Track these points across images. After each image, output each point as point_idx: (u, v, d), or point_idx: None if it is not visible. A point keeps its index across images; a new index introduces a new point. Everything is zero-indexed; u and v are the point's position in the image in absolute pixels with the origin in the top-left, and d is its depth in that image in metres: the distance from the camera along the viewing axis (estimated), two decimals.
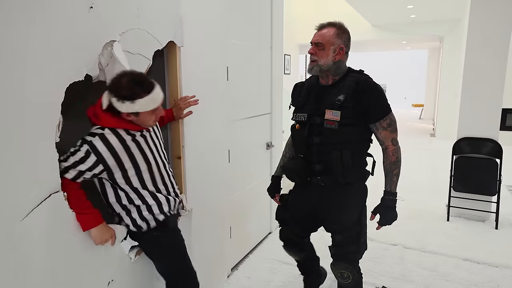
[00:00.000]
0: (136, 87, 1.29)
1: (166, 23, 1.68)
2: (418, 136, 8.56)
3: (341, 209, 1.73)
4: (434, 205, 3.92)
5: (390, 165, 1.67)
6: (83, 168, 1.29)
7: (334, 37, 1.60)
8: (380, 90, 1.62)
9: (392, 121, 1.64)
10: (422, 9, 6.28)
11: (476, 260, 2.77)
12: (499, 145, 3.31)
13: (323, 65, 1.61)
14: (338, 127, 1.59)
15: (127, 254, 1.56)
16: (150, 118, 1.39)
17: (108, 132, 1.33)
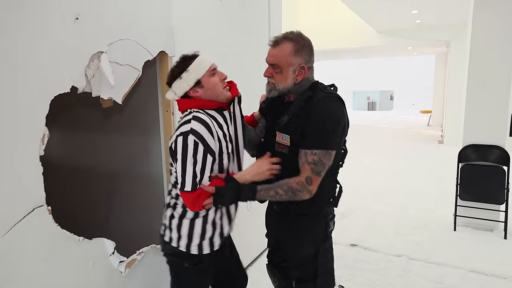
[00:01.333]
0: (181, 62, 1.32)
1: (156, 33, 1.68)
2: (426, 143, 8.41)
3: (293, 242, 1.51)
4: (441, 214, 3.81)
5: (285, 182, 1.33)
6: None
7: (291, 56, 1.33)
8: (326, 117, 1.31)
9: (320, 162, 1.30)
10: (427, 14, 6.23)
11: (484, 271, 2.67)
12: (507, 152, 3.22)
13: (283, 88, 1.37)
14: (289, 152, 1.36)
15: (117, 268, 1.53)
16: (215, 83, 1.33)
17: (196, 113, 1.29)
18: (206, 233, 1.35)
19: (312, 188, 1.32)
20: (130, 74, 1.55)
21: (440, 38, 7.44)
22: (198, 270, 1.39)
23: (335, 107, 1.34)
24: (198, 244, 1.34)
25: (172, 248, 1.35)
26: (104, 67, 1.37)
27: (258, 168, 1.35)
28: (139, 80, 1.73)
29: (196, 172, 1.22)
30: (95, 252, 1.43)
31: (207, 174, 1.25)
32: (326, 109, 1.32)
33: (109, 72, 1.39)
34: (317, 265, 1.48)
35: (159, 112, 1.85)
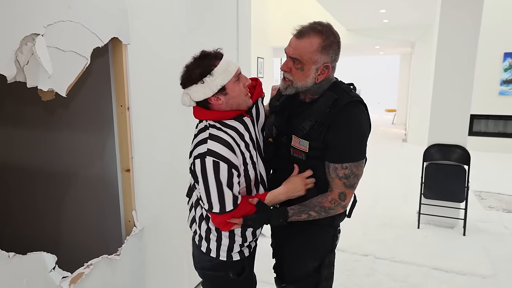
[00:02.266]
0: (205, 60, 1.15)
1: (107, 16, 1.48)
2: (390, 141, 8.65)
3: (295, 253, 1.40)
4: (406, 212, 3.87)
5: (317, 203, 1.24)
6: None
7: (318, 52, 1.15)
8: (356, 126, 1.19)
9: (352, 174, 1.20)
10: (394, 14, 6.34)
11: (445, 268, 2.72)
12: (467, 151, 3.30)
13: (301, 86, 1.22)
14: (306, 159, 1.25)
15: (59, 284, 1.34)
16: (240, 91, 1.19)
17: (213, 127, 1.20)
18: (246, 240, 1.31)
19: (346, 202, 1.25)
20: (75, 62, 1.34)
21: (406, 38, 7.62)
22: (243, 282, 1.36)
23: (363, 115, 1.22)
24: (239, 251, 1.31)
25: (211, 259, 1.30)
26: (40, 53, 1.17)
27: (294, 187, 1.25)
28: (88, 71, 1.53)
29: (224, 192, 1.13)
30: (30, 269, 1.24)
31: (235, 189, 1.17)
32: (355, 119, 1.19)
33: (45, 58, 1.18)
34: (320, 279, 1.37)
35: (112, 107, 1.66)
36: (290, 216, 1.24)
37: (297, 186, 1.24)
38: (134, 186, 1.72)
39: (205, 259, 1.33)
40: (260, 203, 1.21)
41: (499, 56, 6.73)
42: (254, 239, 1.35)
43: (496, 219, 3.71)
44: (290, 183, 1.25)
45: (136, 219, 1.73)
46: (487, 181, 4.93)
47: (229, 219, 1.17)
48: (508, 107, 6.88)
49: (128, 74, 1.62)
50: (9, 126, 2.14)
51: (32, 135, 2.11)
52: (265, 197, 1.24)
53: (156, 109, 1.85)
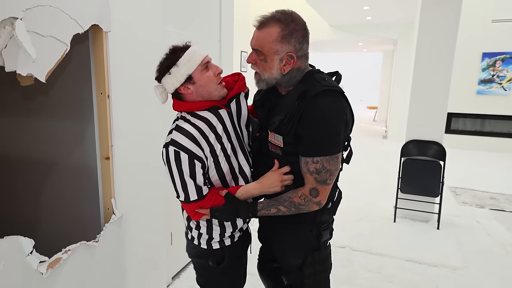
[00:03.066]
0: (172, 54, 1.22)
1: (87, 3, 1.49)
2: (371, 137, 8.88)
3: (283, 248, 1.39)
4: (383, 206, 4.03)
5: (287, 198, 1.22)
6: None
7: (278, 42, 1.14)
8: (324, 117, 1.13)
9: (324, 169, 1.15)
10: (377, 11, 6.49)
11: (418, 260, 2.86)
12: (443, 148, 3.47)
13: (269, 79, 1.20)
14: (282, 154, 1.23)
15: (36, 269, 1.36)
16: (209, 80, 1.22)
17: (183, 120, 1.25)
18: (226, 230, 1.35)
19: (320, 199, 1.20)
20: (55, 48, 1.36)
21: (389, 36, 7.82)
22: (225, 271, 1.38)
23: (334, 105, 1.15)
24: (219, 241, 1.35)
25: (194, 246, 1.37)
26: (21, 36, 1.18)
27: (269, 182, 1.24)
28: (68, 57, 1.55)
29: (186, 181, 1.19)
30: (7, 252, 1.25)
31: (199, 180, 1.20)
32: (323, 108, 1.13)
33: (27, 42, 1.20)
34: (303, 276, 1.34)
35: (92, 94, 1.68)
36: (259, 210, 1.23)
37: (272, 182, 1.24)
38: (113, 174, 1.75)
39: (190, 245, 1.41)
40: (228, 195, 1.23)
41: (478, 56, 7.01)
42: (236, 229, 1.36)
43: (469, 214, 3.91)
44: (265, 178, 1.26)
45: (115, 207, 1.75)
46: (462, 178, 5.16)
47: (196, 209, 1.23)
48: (485, 106, 7.18)
49: (108, 61, 1.64)
50: None
51: (12, 123, 2.09)
52: (237, 190, 1.25)
53: (136, 97, 1.88)
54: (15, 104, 2.06)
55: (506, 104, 7.04)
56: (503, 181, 5.20)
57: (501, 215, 3.92)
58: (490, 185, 4.96)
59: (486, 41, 6.89)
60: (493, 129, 7.34)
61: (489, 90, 7.09)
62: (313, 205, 1.21)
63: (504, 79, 6.97)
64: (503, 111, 7.09)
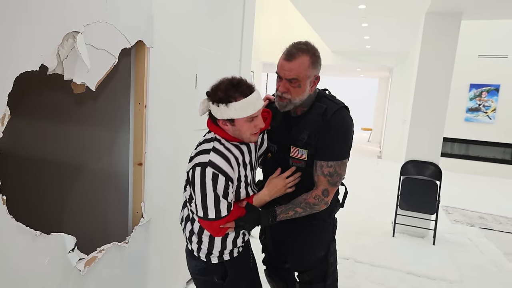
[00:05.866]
0: (232, 89, 1.14)
1: (136, 21, 1.54)
2: (367, 157, 8.92)
3: (304, 246, 1.48)
4: (381, 221, 4.03)
5: (302, 200, 1.31)
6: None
7: (310, 68, 1.24)
8: (345, 129, 1.30)
9: (335, 173, 1.29)
10: (376, 41, 6.64)
11: (418, 273, 2.85)
12: (439, 168, 3.50)
13: (299, 101, 1.29)
14: (305, 166, 1.32)
15: (75, 266, 1.36)
16: (247, 129, 1.18)
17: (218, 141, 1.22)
18: (226, 248, 1.29)
19: (329, 199, 1.32)
20: (105, 60, 1.40)
21: (385, 64, 7.98)
22: (231, 285, 1.31)
23: (349, 118, 1.32)
24: (218, 256, 1.29)
25: (196, 263, 1.30)
26: (80, 49, 1.22)
27: (275, 187, 1.31)
28: (113, 69, 1.58)
29: (220, 201, 1.16)
30: (53, 248, 1.25)
31: (230, 198, 1.19)
32: (343, 122, 1.29)
33: (85, 54, 1.23)
34: (327, 266, 1.48)
35: (130, 104, 1.70)
36: (278, 214, 1.30)
37: (277, 185, 1.31)
38: (144, 179, 1.75)
39: (192, 263, 1.33)
40: (248, 205, 1.26)
41: (465, 86, 7.17)
42: (235, 247, 1.32)
43: (461, 231, 3.91)
44: (271, 184, 1.32)
45: (144, 210, 1.75)
46: (452, 198, 5.18)
47: (223, 224, 1.19)
48: (472, 133, 7.30)
49: (148, 74, 1.67)
50: (34, 117, 2.13)
51: (55, 126, 2.11)
52: (252, 200, 1.28)
53: (169, 108, 1.91)
54: (64, 110, 2.08)
55: (491, 132, 7.16)
56: (490, 202, 5.25)
57: (490, 233, 3.94)
58: (478, 205, 4.99)
59: (473, 73, 7.07)
60: (479, 154, 7.44)
61: (476, 118, 7.22)
62: (323, 205, 1.33)
63: (489, 109, 7.11)
64: (488, 137, 7.21)
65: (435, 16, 3.46)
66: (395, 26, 5.43)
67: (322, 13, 5.07)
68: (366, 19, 5.14)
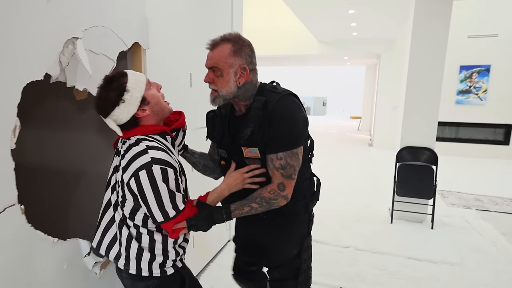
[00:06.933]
0: (113, 82, 1.11)
1: (131, 23, 1.57)
2: (358, 145, 9.10)
3: (276, 243, 1.46)
4: (378, 209, 4.16)
5: (257, 195, 1.28)
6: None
7: (231, 56, 1.23)
8: (290, 117, 1.26)
9: (288, 165, 1.25)
10: (363, 27, 6.75)
11: (418, 258, 2.98)
12: (435, 153, 3.64)
13: (226, 93, 1.26)
14: (262, 163, 1.29)
15: (91, 269, 1.40)
16: (158, 97, 1.18)
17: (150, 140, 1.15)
18: (179, 254, 1.26)
19: (287, 192, 1.28)
20: (104, 64, 1.43)
21: (373, 50, 8.11)
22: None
23: (293, 104, 1.28)
24: (172, 265, 1.23)
25: (147, 283, 1.20)
26: (81, 54, 1.25)
27: (233, 180, 1.29)
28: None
29: (175, 195, 1.12)
30: (70, 254, 1.30)
31: (183, 191, 1.17)
32: (285, 110, 1.25)
33: (86, 60, 1.26)
34: (300, 263, 1.46)
35: None
36: (233, 210, 1.26)
37: (236, 179, 1.29)
38: None
39: (139, 285, 1.21)
40: (199, 202, 1.22)
41: (456, 69, 7.36)
42: (183, 253, 1.30)
43: (458, 214, 4.08)
44: (229, 178, 1.30)
45: None
46: (446, 181, 5.37)
47: (174, 225, 1.14)
48: (463, 115, 7.52)
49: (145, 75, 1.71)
50: (41, 125, 2.14)
51: (60, 133, 2.13)
52: (207, 197, 1.26)
53: None
54: (66, 116, 2.10)
55: (482, 113, 7.39)
56: (484, 183, 5.45)
57: (486, 214, 4.11)
58: (473, 187, 5.19)
59: (463, 55, 7.25)
60: (470, 136, 7.68)
61: (467, 100, 7.43)
62: (281, 199, 1.28)
63: (480, 90, 7.32)
64: (480, 119, 7.44)
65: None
66: (383, 11, 5.53)
67: (309, 2, 5.14)
68: (352, 6, 5.23)
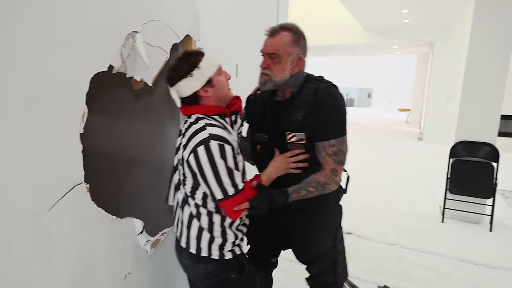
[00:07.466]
0: (190, 57, 1.20)
1: (183, 17, 1.62)
2: (406, 139, 8.67)
3: (311, 236, 1.45)
4: (427, 206, 3.95)
5: (313, 179, 1.31)
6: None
7: (291, 45, 1.27)
8: (339, 105, 1.30)
9: (339, 151, 1.29)
10: (415, 14, 6.34)
11: (474, 261, 2.78)
12: (496, 149, 3.34)
13: (279, 80, 1.29)
14: (305, 149, 1.31)
15: (143, 247, 1.49)
16: (223, 82, 1.24)
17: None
18: (237, 237, 1.28)
19: (338, 178, 1.34)
20: (159, 56, 1.48)
21: (426, 38, 7.61)
22: (247, 280, 1.30)
23: (339, 94, 1.32)
24: (230, 250, 1.25)
25: (206, 266, 1.23)
26: (139, 47, 1.30)
27: (279, 164, 1.32)
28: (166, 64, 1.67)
29: (234, 173, 1.14)
30: (125, 231, 1.40)
31: (240, 170, 1.20)
32: (335, 99, 1.30)
33: (143, 52, 1.32)
34: (336, 254, 1.47)
35: None
36: (291, 193, 1.29)
37: (281, 163, 1.32)
38: None
39: (199, 268, 1.26)
40: (259, 184, 1.25)
41: None
42: (242, 236, 1.32)
43: None
44: (274, 161, 1.33)
45: None
46: (508, 180, 4.89)
47: (236, 206, 1.16)
48: None
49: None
50: (102, 116, 2.30)
51: (118, 120, 2.26)
52: (261, 179, 1.28)
53: None
54: (123, 105, 2.22)
55: None
56: None
57: None
58: None
59: None
60: None
61: None
62: (334, 184, 1.34)
63: None
64: None
65: None
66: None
67: None
68: None
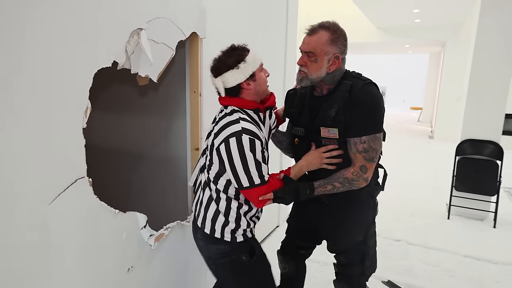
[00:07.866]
0: (236, 51, 1.26)
1: (189, 14, 1.65)
2: (417, 137, 8.52)
3: (344, 229, 1.49)
4: (435, 204, 3.90)
5: (340, 175, 1.32)
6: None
7: (328, 44, 1.29)
8: (374, 103, 1.29)
9: (370, 148, 1.29)
10: (427, 13, 6.23)
11: (477, 257, 2.76)
12: (501, 147, 3.29)
13: (315, 78, 1.33)
14: (338, 144, 1.33)
15: (146, 241, 1.54)
16: (264, 79, 1.30)
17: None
18: (250, 226, 1.34)
19: (368, 175, 1.32)
20: (164, 53, 1.52)
21: (437, 37, 7.47)
22: (259, 262, 1.36)
23: (376, 92, 1.32)
24: (242, 234, 1.32)
25: (218, 247, 1.30)
26: (144, 44, 1.35)
27: (313, 158, 1.35)
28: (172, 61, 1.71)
29: (261, 166, 1.20)
30: (128, 225, 1.43)
31: (267, 165, 1.24)
32: (370, 96, 1.30)
33: (148, 49, 1.37)
34: (366, 249, 1.49)
35: (186, 93, 1.84)
36: (316, 187, 1.32)
37: (315, 157, 1.34)
38: None
39: (211, 248, 1.33)
40: (286, 177, 1.29)
41: None
42: (254, 226, 1.38)
43: None
44: (308, 155, 1.37)
45: None
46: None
47: (261, 195, 1.22)
48: None
49: (202, 63, 1.79)
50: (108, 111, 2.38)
51: (122, 119, 2.34)
52: (290, 171, 1.33)
53: None
54: (128, 101, 2.29)
55: None
56: None
57: None
58: None
59: None
60: None
61: None
62: (362, 181, 1.33)
63: None
64: None
65: None
66: None
67: None
68: None
